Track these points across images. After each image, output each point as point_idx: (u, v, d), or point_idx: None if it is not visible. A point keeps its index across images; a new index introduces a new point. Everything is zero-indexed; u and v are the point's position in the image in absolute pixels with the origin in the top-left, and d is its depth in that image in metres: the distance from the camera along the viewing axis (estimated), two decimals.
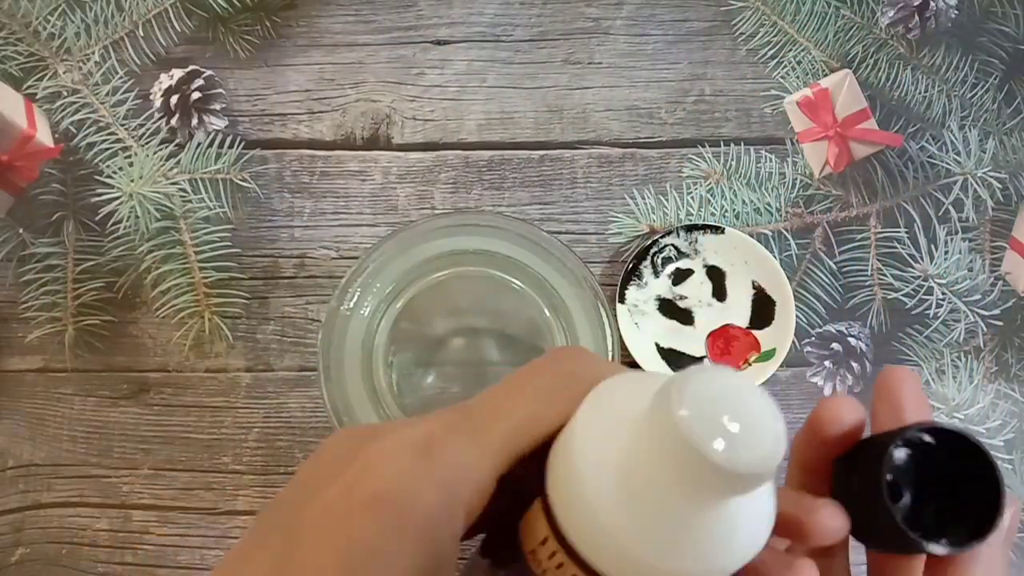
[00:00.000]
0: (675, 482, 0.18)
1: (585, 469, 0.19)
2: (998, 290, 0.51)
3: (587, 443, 0.19)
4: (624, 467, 0.18)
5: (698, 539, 0.18)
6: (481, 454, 0.20)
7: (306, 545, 0.18)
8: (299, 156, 0.52)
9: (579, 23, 0.54)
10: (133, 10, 0.53)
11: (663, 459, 0.17)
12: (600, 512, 0.18)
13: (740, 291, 0.50)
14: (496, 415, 0.20)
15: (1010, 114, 0.53)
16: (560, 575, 0.20)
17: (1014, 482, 0.49)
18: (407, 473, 0.18)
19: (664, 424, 0.17)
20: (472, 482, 0.19)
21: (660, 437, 0.17)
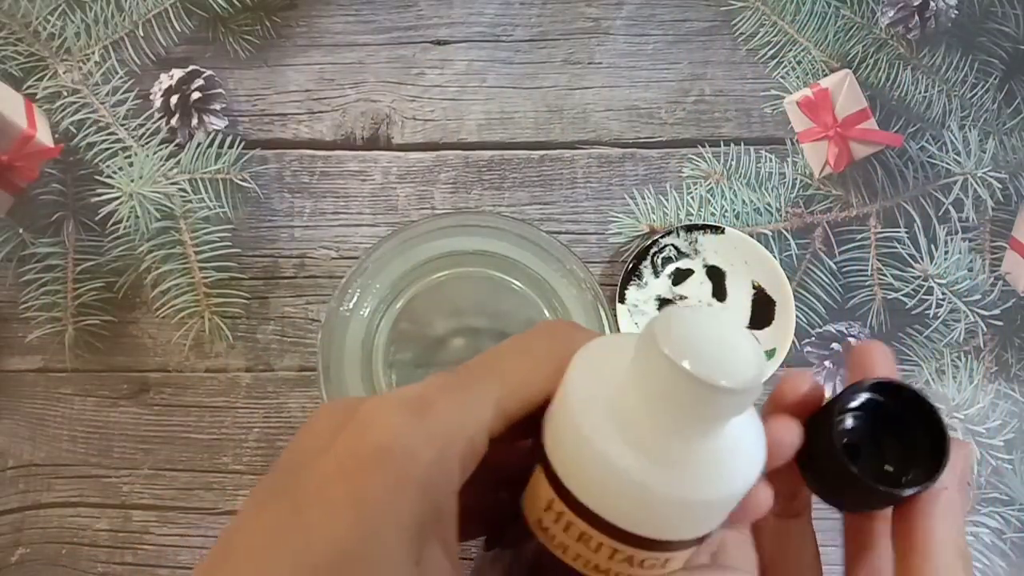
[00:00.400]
0: (669, 412, 0.19)
1: (581, 417, 0.19)
2: (998, 290, 0.51)
3: (580, 392, 0.20)
4: (619, 407, 0.19)
5: (698, 466, 0.19)
6: (473, 412, 0.20)
7: (313, 505, 0.18)
8: (299, 156, 0.52)
9: (579, 23, 0.54)
10: (133, 10, 0.53)
11: (656, 391, 0.18)
12: (601, 454, 0.19)
13: (740, 291, 0.50)
14: (488, 376, 0.21)
15: (1010, 114, 0.53)
16: (569, 536, 0.20)
17: (1014, 482, 0.49)
18: (402, 429, 0.19)
19: (653, 356, 0.18)
20: (465, 439, 0.19)
21: (651, 370, 0.18)
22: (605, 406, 0.19)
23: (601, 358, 0.21)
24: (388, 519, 0.18)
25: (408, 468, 0.18)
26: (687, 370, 0.17)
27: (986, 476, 0.49)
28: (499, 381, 0.21)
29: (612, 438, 0.19)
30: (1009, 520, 0.49)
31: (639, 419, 0.19)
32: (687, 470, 0.19)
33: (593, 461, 0.19)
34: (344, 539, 0.17)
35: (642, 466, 0.19)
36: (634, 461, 0.19)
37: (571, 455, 0.20)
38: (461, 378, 0.21)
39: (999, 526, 0.49)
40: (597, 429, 0.19)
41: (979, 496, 0.49)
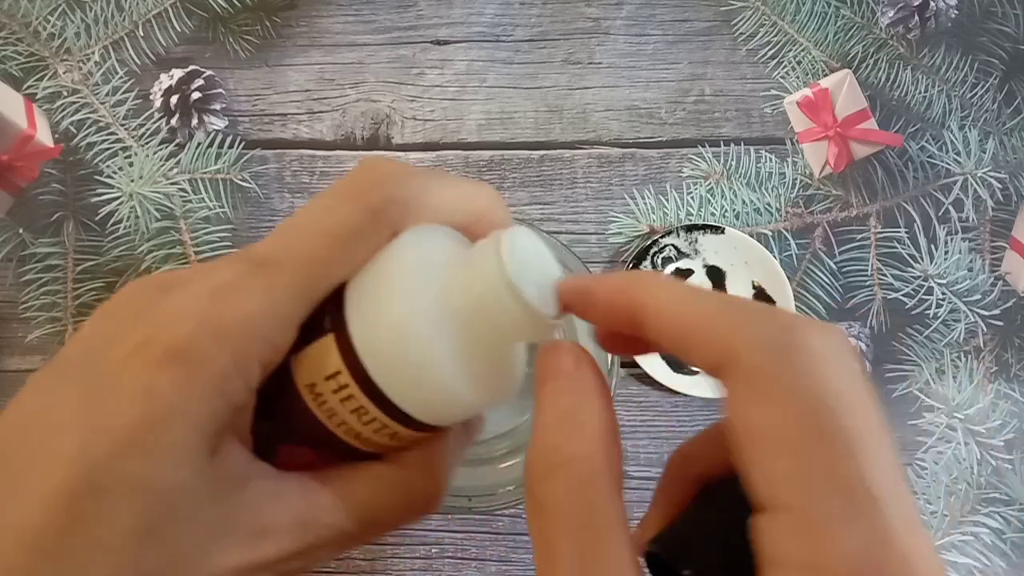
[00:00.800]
0: (490, 324, 0.20)
1: (403, 307, 0.20)
2: (998, 290, 0.51)
3: (406, 285, 0.21)
4: (443, 307, 0.20)
5: (489, 373, 0.22)
6: (276, 305, 0.20)
7: (106, 398, 0.18)
8: (299, 156, 0.52)
9: (579, 23, 0.54)
10: (133, 10, 0.53)
11: (486, 305, 0.20)
12: (418, 348, 0.20)
13: (740, 291, 0.50)
14: (292, 261, 0.20)
15: (1010, 114, 0.53)
16: (344, 407, 0.21)
17: (1014, 482, 0.49)
18: (198, 333, 0.18)
19: (494, 277, 0.20)
20: (264, 339, 0.19)
21: (487, 288, 0.20)
22: (429, 304, 0.20)
23: (430, 252, 0.21)
24: (177, 415, 0.18)
25: (202, 370, 0.18)
26: (525, 300, 0.20)
27: (986, 476, 0.49)
28: (304, 267, 0.20)
29: (431, 336, 0.20)
30: (1009, 520, 0.49)
31: (458, 322, 0.21)
32: (482, 374, 0.21)
33: (406, 352, 0.20)
34: (131, 428, 0.18)
35: (450, 365, 0.20)
36: (446, 360, 0.20)
37: (381, 339, 0.20)
38: (263, 265, 0.20)
39: (999, 526, 0.49)
40: (418, 324, 0.20)
41: (979, 496, 0.49)
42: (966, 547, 0.48)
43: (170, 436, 0.18)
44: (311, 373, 0.21)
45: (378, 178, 0.21)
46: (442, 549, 0.47)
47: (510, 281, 0.20)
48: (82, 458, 0.17)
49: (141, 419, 0.18)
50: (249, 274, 0.19)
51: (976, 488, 0.49)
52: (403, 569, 0.47)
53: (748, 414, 0.17)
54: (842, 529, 0.16)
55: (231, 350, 0.19)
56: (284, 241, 0.20)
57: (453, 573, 0.47)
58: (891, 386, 0.50)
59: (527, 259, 0.21)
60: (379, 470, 0.22)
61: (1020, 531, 0.49)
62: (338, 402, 0.21)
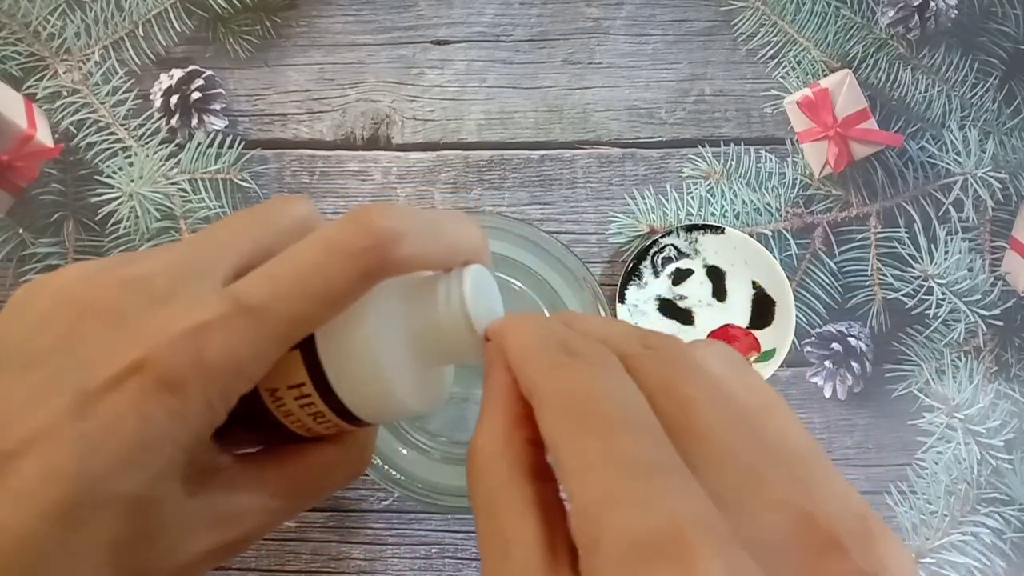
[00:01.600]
0: (442, 348, 0.24)
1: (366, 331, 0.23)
2: (998, 290, 0.51)
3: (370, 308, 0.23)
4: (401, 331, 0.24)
5: (433, 388, 0.26)
6: (259, 352, 0.21)
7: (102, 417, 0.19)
8: (299, 156, 0.52)
9: (579, 23, 0.54)
10: (133, 10, 0.53)
11: (442, 330, 0.24)
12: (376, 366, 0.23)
13: (740, 291, 0.50)
14: (277, 316, 0.21)
15: (1010, 114, 0.53)
16: (303, 412, 0.24)
17: (1014, 482, 0.49)
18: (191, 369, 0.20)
19: (451, 304, 0.23)
20: (247, 379, 0.22)
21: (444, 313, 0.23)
22: (391, 327, 0.24)
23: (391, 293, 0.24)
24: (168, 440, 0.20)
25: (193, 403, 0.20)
26: (477, 330, 0.23)
27: (986, 476, 0.49)
28: (289, 327, 0.21)
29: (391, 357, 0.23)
30: (1009, 520, 0.49)
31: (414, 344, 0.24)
32: (425, 389, 0.25)
33: (368, 371, 0.23)
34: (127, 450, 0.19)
35: (403, 383, 0.24)
36: (400, 379, 0.24)
37: (346, 359, 0.23)
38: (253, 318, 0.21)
39: (999, 526, 0.49)
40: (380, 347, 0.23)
41: (979, 496, 0.49)
42: (966, 547, 0.48)
43: (162, 459, 0.20)
44: (273, 380, 0.23)
45: (376, 240, 0.21)
46: (442, 549, 0.47)
47: (468, 313, 0.23)
48: (79, 477, 0.19)
49: (136, 443, 0.19)
50: (236, 317, 0.21)
51: (976, 488, 0.49)
52: (403, 569, 0.47)
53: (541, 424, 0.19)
54: (617, 507, 0.16)
55: (219, 388, 0.21)
56: (272, 289, 0.21)
57: (453, 573, 0.47)
58: (891, 386, 0.50)
59: (481, 295, 0.24)
60: (325, 453, 0.26)
61: (1020, 531, 0.49)
62: (298, 407, 0.24)
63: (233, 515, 0.23)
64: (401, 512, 0.48)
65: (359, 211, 0.22)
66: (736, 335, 0.50)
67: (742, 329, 0.50)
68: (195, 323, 0.20)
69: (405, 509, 0.48)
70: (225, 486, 0.23)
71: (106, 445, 0.19)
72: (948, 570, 0.48)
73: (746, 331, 0.49)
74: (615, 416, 0.17)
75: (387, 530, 0.48)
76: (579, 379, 0.19)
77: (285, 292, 0.21)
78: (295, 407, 0.24)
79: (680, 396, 0.18)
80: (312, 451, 0.26)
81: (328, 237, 0.22)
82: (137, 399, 0.19)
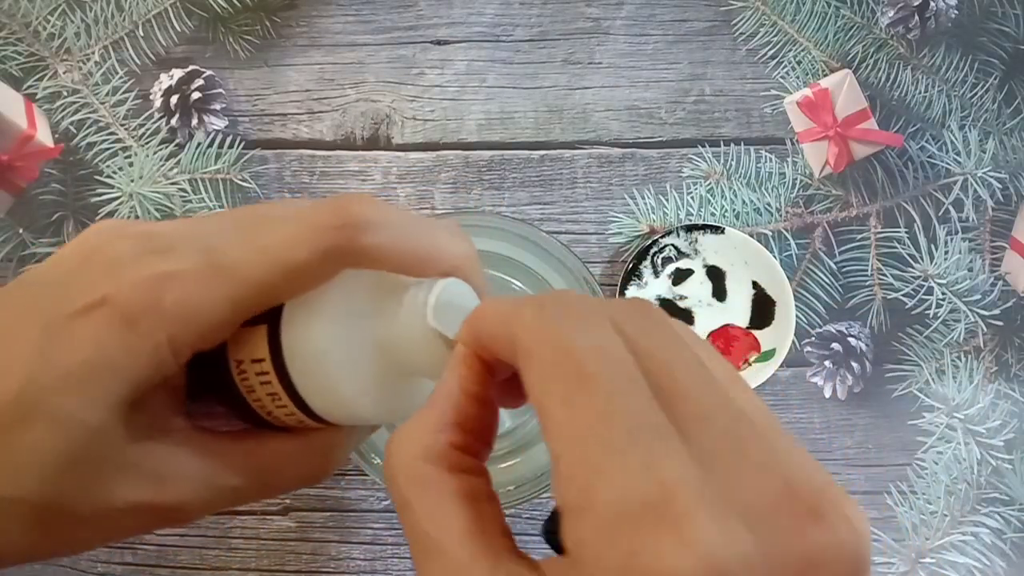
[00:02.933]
0: (404, 358, 0.23)
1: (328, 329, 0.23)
2: (998, 290, 0.51)
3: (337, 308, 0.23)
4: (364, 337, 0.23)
5: (395, 398, 0.25)
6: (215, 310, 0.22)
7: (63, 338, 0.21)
8: (299, 156, 0.52)
9: (579, 23, 0.54)
10: (133, 10, 0.53)
11: (404, 341, 0.23)
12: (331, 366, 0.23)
13: (740, 291, 0.50)
14: (241, 278, 0.22)
15: (1010, 114, 0.53)
16: (262, 389, 0.24)
17: (1014, 482, 0.49)
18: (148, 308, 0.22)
19: (416, 316, 0.23)
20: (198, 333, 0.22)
21: (414, 335, 0.23)
22: (353, 331, 0.23)
23: (369, 284, 0.24)
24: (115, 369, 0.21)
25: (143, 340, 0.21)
26: (440, 345, 0.22)
27: (986, 476, 0.49)
28: (251, 291, 0.22)
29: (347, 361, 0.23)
30: (1009, 520, 0.49)
31: (376, 352, 0.24)
32: (385, 397, 0.24)
33: (322, 368, 0.23)
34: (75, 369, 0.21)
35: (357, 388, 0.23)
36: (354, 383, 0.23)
37: (304, 350, 0.23)
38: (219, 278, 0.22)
39: (999, 526, 0.49)
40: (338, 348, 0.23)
41: (979, 496, 0.49)
42: (966, 547, 0.48)
43: (104, 384, 0.21)
44: (240, 351, 0.24)
45: (346, 220, 0.22)
46: None
47: (428, 326, 0.22)
48: (27, 381, 0.21)
49: (86, 364, 0.21)
50: (202, 271, 0.22)
51: (976, 488, 0.49)
52: (403, 569, 0.47)
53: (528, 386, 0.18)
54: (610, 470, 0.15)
55: (169, 333, 0.22)
56: (242, 253, 0.22)
57: None
58: (891, 386, 0.50)
59: (450, 310, 0.23)
60: (283, 443, 0.26)
61: (1020, 531, 0.49)
62: (258, 383, 0.24)
63: (170, 475, 0.23)
64: None
65: (342, 196, 0.23)
66: (736, 335, 0.50)
67: (742, 329, 0.50)
68: (163, 270, 0.22)
69: None
70: (171, 443, 0.23)
71: (59, 362, 0.21)
72: (948, 570, 0.48)
73: (746, 331, 0.49)
74: (608, 374, 0.17)
75: (387, 530, 0.48)
76: (570, 334, 0.18)
77: (251, 256, 0.22)
78: (256, 383, 0.24)
79: (664, 358, 0.18)
80: (270, 438, 0.26)
81: (304, 213, 0.23)
82: (95, 328, 0.21)
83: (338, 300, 0.23)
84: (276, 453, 0.25)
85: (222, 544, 0.47)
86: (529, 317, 0.19)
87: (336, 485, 0.48)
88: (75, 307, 0.21)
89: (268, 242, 0.22)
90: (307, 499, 0.48)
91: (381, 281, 0.24)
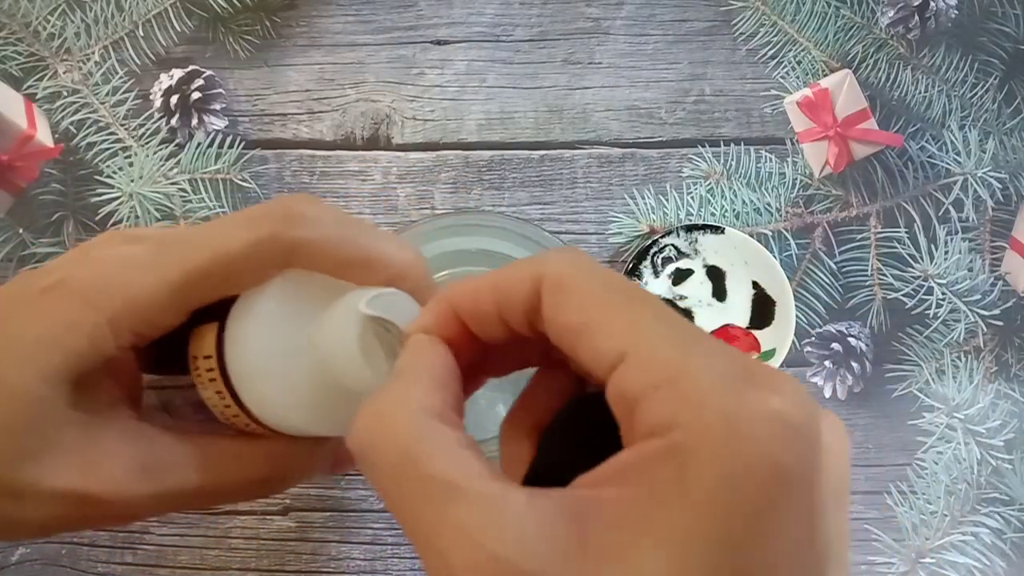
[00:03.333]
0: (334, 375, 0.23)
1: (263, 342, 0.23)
2: (998, 290, 0.51)
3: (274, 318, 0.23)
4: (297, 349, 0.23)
5: (331, 409, 0.24)
6: (155, 296, 0.23)
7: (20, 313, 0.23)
8: (299, 156, 0.52)
9: (579, 23, 0.54)
10: (133, 10, 0.53)
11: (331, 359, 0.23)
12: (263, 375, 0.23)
13: (740, 291, 0.50)
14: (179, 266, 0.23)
15: (1010, 114, 0.53)
16: (211, 386, 0.24)
17: (1014, 482, 0.49)
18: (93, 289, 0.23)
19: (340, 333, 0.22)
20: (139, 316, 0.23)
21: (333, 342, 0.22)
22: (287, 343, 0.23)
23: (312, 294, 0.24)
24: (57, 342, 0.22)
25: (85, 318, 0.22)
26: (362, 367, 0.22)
27: (986, 476, 0.49)
28: (186, 279, 0.23)
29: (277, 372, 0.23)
30: (1009, 520, 0.49)
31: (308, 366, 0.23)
32: (319, 409, 0.24)
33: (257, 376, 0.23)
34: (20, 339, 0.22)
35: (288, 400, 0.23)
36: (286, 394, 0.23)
37: (242, 355, 0.23)
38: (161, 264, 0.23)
39: (999, 526, 0.49)
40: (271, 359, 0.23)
41: (979, 496, 0.49)
42: (966, 547, 0.48)
43: (46, 356, 0.22)
44: (195, 347, 0.24)
45: (282, 215, 0.23)
46: None
47: (355, 337, 0.22)
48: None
49: (35, 338, 0.22)
50: (147, 256, 0.23)
51: (976, 488, 0.49)
52: (403, 569, 0.47)
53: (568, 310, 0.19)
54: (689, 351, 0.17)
55: (111, 313, 0.22)
56: (186, 240, 0.23)
57: None
58: (891, 386, 0.50)
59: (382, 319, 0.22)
60: (231, 444, 0.25)
61: (1020, 531, 0.49)
62: (207, 380, 0.24)
63: (104, 463, 0.23)
64: None
65: (286, 195, 0.24)
66: (736, 335, 0.50)
67: (742, 329, 0.50)
68: (119, 254, 0.23)
69: None
70: (111, 431, 0.24)
71: (12, 333, 0.22)
72: (948, 570, 0.48)
73: (746, 331, 0.49)
74: (645, 292, 0.19)
75: (387, 530, 0.48)
76: (595, 265, 0.20)
77: (191, 242, 0.23)
78: (206, 380, 0.24)
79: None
80: (220, 438, 0.25)
81: (249, 209, 0.24)
82: (50, 304, 0.22)
83: (277, 302, 0.23)
84: (222, 453, 0.25)
85: (222, 544, 0.47)
86: (558, 259, 0.20)
87: (336, 485, 0.48)
88: (41, 285, 0.23)
89: (210, 231, 0.23)
90: (307, 499, 0.48)
91: (326, 286, 0.24)
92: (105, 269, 0.23)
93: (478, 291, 0.21)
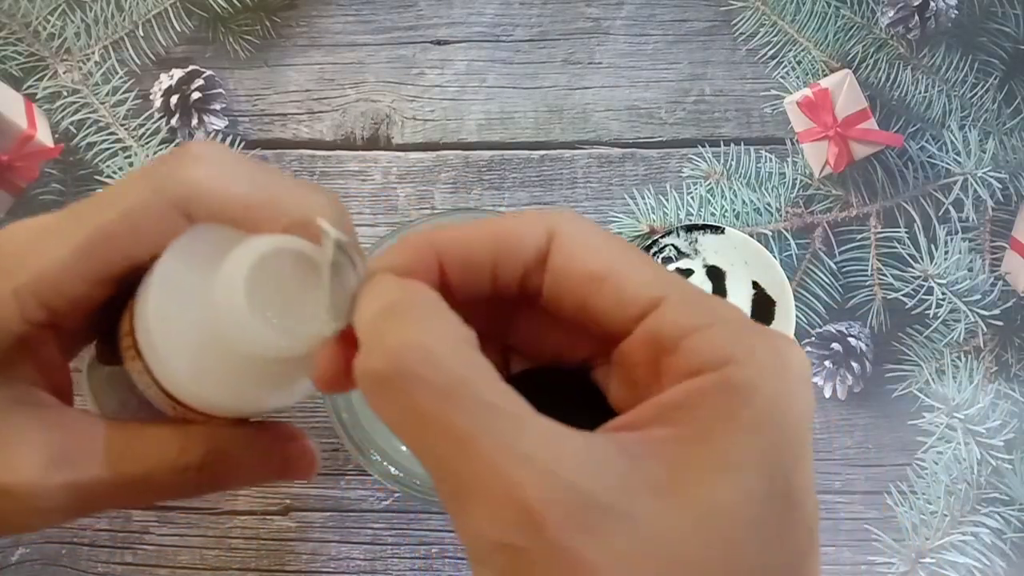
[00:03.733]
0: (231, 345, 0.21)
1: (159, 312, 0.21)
2: (998, 290, 0.51)
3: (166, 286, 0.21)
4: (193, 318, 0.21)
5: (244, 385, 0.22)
6: (59, 261, 0.22)
7: None
8: (299, 156, 0.52)
9: (579, 23, 0.54)
10: (133, 10, 0.53)
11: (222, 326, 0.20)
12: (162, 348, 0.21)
13: (740, 291, 0.50)
14: (83, 228, 0.22)
15: (1010, 114, 0.53)
16: (134, 365, 0.22)
17: (1014, 482, 0.49)
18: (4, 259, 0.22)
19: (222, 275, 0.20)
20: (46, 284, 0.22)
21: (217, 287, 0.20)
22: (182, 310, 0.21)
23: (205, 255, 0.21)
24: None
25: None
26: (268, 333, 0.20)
27: (986, 476, 0.49)
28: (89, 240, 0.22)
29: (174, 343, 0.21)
30: (1009, 520, 0.49)
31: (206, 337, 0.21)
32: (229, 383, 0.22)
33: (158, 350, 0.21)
34: None
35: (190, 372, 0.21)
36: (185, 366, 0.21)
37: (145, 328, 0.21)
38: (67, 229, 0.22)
39: (999, 526, 0.49)
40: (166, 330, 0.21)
41: (979, 496, 0.49)
42: (966, 547, 0.48)
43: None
44: (122, 325, 0.23)
45: (178, 158, 0.22)
46: (442, 549, 0.47)
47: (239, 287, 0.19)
48: None
49: None
50: (59, 222, 0.22)
51: (976, 488, 0.49)
52: (403, 569, 0.47)
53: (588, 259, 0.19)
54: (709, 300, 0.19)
55: (25, 280, 0.21)
56: (89, 209, 0.22)
57: (453, 573, 0.47)
58: (891, 386, 0.50)
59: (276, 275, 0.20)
60: (156, 430, 0.23)
61: (1020, 531, 0.49)
62: (130, 359, 0.22)
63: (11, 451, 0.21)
64: (401, 512, 0.48)
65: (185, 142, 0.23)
66: None
67: None
68: (35, 223, 0.23)
69: (405, 509, 0.48)
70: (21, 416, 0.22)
71: None
72: (948, 570, 0.48)
73: None
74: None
75: (387, 530, 0.48)
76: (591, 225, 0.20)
77: (99, 203, 0.22)
78: (129, 359, 0.22)
79: None
80: (147, 424, 0.23)
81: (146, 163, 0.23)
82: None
83: (178, 262, 0.21)
84: (145, 437, 0.23)
85: (222, 544, 0.47)
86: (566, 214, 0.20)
87: (336, 485, 0.48)
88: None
89: (116, 187, 0.22)
90: (307, 499, 0.48)
91: (231, 240, 0.21)
92: (20, 237, 0.22)
93: (474, 239, 0.19)
